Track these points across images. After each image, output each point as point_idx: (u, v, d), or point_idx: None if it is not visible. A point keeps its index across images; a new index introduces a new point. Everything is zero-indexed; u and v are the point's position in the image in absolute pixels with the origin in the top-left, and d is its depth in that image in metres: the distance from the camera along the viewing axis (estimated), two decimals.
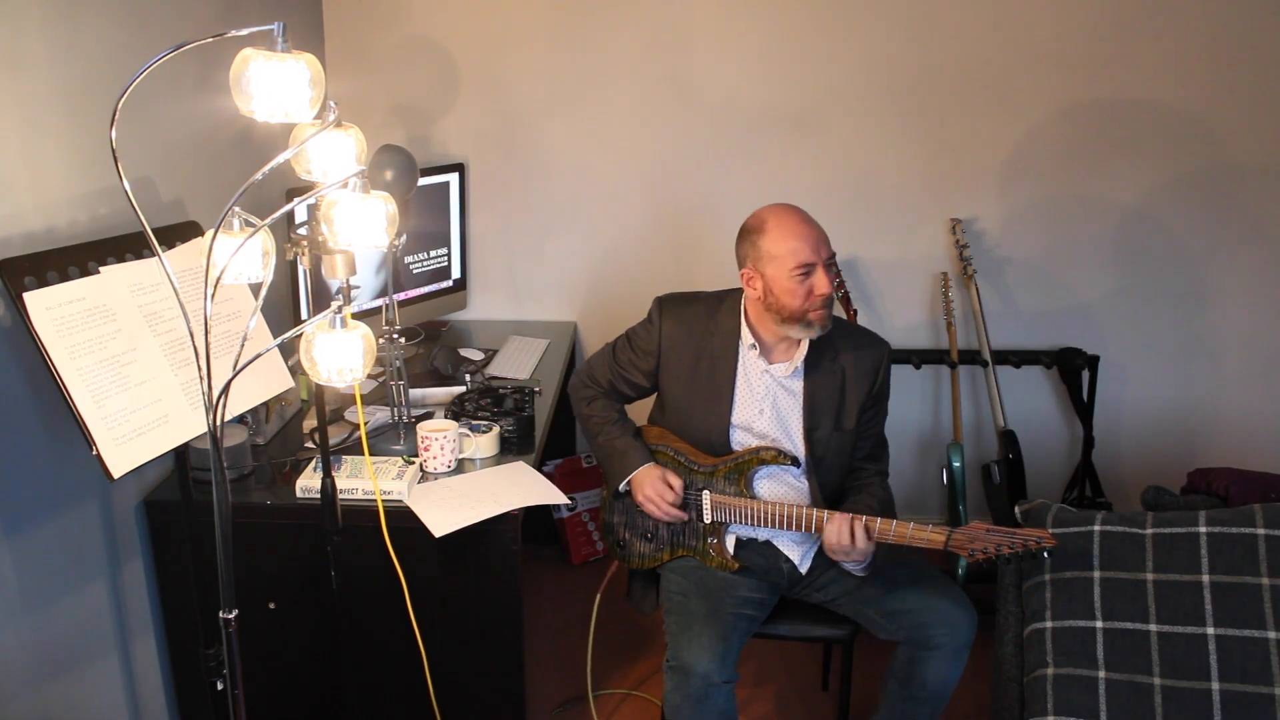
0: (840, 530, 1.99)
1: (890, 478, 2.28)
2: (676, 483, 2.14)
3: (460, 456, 2.23)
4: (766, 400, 2.15)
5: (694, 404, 2.18)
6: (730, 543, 2.19)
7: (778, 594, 2.20)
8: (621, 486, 2.19)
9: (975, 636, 2.03)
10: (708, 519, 2.15)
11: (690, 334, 2.18)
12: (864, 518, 2.00)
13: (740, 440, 2.17)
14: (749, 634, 2.10)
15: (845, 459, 2.19)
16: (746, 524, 2.13)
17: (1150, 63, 2.97)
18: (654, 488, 2.13)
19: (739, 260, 2.12)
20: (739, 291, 2.17)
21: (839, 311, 2.97)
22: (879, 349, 2.20)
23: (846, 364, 2.15)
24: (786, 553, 2.19)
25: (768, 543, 2.21)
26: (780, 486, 2.17)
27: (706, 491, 2.14)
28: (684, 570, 2.18)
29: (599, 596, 2.52)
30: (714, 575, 2.15)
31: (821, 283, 2.02)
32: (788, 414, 2.15)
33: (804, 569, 2.19)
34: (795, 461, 2.12)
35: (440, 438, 2.17)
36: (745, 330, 2.14)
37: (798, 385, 2.14)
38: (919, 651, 2.03)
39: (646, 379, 2.25)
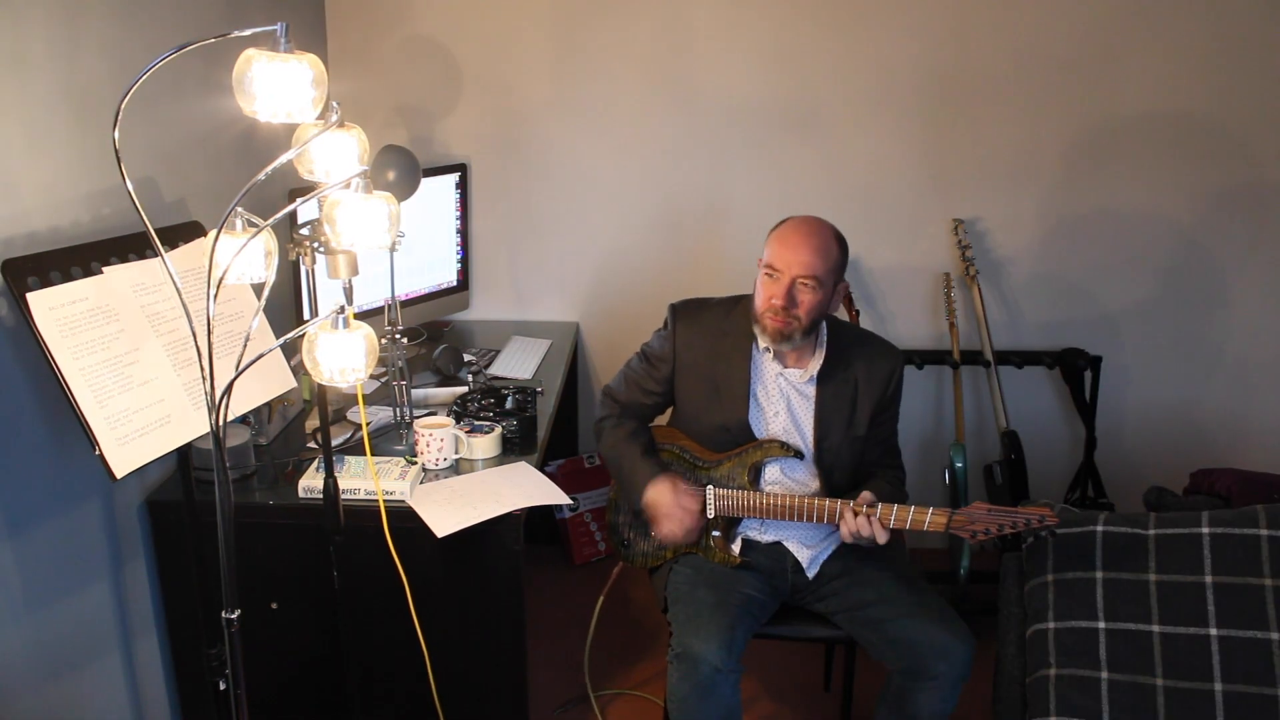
0: (855, 523, 1.99)
1: None
2: (694, 507, 2.13)
3: (456, 456, 2.23)
4: (781, 402, 2.15)
5: (711, 404, 2.18)
6: (736, 546, 2.19)
7: (779, 599, 2.20)
8: (638, 505, 2.18)
9: (970, 671, 2.00)
10: (711, 514, 2.15)
11: (705, 337, 2.19)
12: (875, 508, 1.99)
13: (760, 435, 2.17)
14: (753, 630, 2.10)
15: (855, 463, 2.20)
16: (753, 516, 2.13)
17: (1155, 65, 2.97)
18: (674, 511, 2.12)
19: None
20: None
21: (842, 314, 2.98)
22: (893, 360, 2.20)
23: (860, 373, 2.16)
24: (796, 555, 2.19)
25: (776, 544, 2.21)
26: (787, 483, 2.17)
27: (710, 487, 2.14)
28: (691, 563, 2.18)
29: (602, 598, 2.52)
30: (721, 570, 2.15)
31: (774, 291, 2.02)
32: (802, 417, 2.16)
33: (811, 574, 2.19)
34: (799, 454, 2.12)
35: (429, 434, 2.18)
36: (760, 332, 2.14)
37: (811, 390, 2.15)
38: (914, 682, 2.02)
39: (661, 386, 2.24)
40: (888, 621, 2.05)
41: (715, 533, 2.16)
